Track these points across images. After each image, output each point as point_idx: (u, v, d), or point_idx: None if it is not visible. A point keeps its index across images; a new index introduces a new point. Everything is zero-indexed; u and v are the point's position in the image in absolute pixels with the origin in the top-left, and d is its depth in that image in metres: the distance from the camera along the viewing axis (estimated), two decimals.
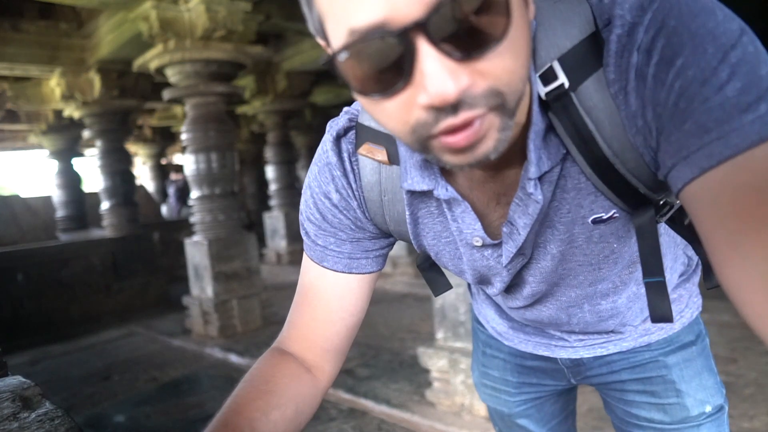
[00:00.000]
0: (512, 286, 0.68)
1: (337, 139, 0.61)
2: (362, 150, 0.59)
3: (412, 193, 0.59)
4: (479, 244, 0.59)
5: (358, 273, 0.65)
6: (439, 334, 2.55)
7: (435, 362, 2.53)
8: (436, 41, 0.34)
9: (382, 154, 0.57)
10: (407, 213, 0.61)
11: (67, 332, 5.08)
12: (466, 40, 0.35)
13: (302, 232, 0.67)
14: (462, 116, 0.37)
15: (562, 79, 0.46)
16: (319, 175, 0.63)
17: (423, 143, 0.41)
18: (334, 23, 0.38)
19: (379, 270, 0.68)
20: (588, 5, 0.46)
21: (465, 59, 0.35)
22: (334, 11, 0.37)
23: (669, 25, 0.41)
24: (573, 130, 0.47)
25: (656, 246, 0.53)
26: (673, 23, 0.41)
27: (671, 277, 0.74)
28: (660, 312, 0.57)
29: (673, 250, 0.73)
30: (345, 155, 0.61)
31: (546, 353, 0.84)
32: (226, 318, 4.32)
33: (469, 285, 0.97)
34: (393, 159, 0.58)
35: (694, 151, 0.40)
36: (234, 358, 3.78)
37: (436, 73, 0.35)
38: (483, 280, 0.68)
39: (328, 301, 0.65)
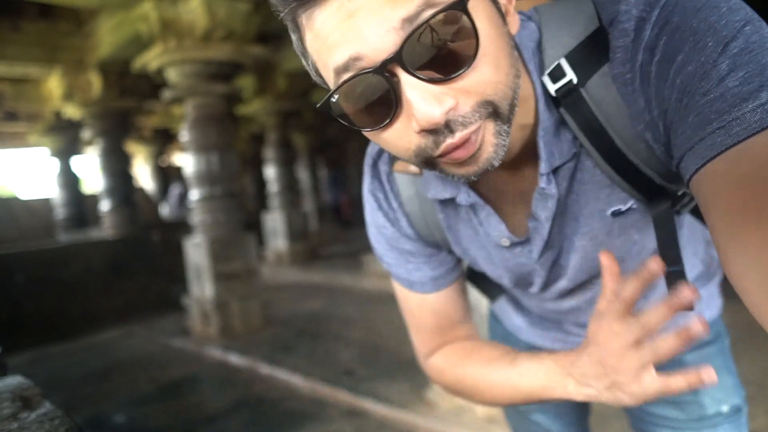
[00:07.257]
0: (548, 283, 0.69)
1: (374, 164, 0.65)
2: (397, 166, 0.62)
3: (441, 201, 0.61)
4: (507, 244, 0.61)
5: (447, 286, 0.69)
6: None
7: None
8: (413, 70, 0.38)
9: (415, 166, 0.60)
10: (441, 220, 0.63)
11: (67, 332, 5.07)
12: (442, 64, 0.38)
13: (384, 265, 0.71)
14: (458, 135, 0.40)
15: (570, 75, 0.48)
16: (369, 206, 0.67)
17: (428, 163, 0.44)
18: (324, 69, 0.41)
19: (463, 272, 0.73)
20: (591, 2, 0.48)
21: (445, 81, 0.38)
22: (321, 58, 0.41)
23: (672, 21, 0.42)
24: (584, 123, 0.49)
25: (673, 236, 0.54)
26: (676, 20, 0.41)
27: (688, 271, 0.73)
28: None
29: (693, 245, 0.72)
30: (384, 177, 0.65)
31: (563, 349, 0.83)
32: (225, 318, 4.31)
33: None
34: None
35: (697, 142, 0.40)
36: (234, 359, 3.77)
37: (420, 99, 0.38)
38: (521, 281, 0.69)
39: (439, 312, 0.71)
